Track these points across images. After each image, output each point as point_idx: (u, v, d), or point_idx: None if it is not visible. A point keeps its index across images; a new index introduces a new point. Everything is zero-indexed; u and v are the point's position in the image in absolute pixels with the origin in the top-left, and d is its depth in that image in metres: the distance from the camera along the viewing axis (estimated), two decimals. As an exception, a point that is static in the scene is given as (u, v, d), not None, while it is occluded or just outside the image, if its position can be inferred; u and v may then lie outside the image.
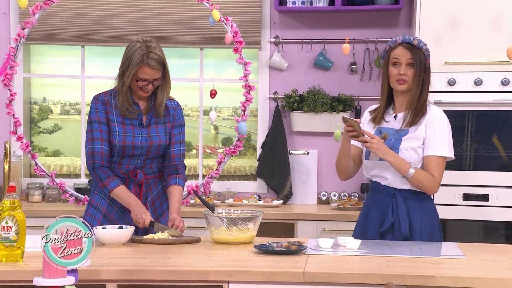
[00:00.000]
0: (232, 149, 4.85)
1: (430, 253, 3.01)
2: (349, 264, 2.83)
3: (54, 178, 4.82)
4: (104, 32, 5.44)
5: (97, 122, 3.46)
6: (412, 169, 3.31)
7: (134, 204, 3.42)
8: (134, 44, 3.40)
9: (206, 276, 2.68)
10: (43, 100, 5.77)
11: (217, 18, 4.65)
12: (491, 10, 4.55)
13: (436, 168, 3.32)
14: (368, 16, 5.34)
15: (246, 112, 4.84)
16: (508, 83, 4.53)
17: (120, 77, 3.44)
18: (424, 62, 3.34)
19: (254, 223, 3.28)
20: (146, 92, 3.44)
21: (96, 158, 3.44)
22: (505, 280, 2.57)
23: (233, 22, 4.71)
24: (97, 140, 3.45)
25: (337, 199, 5.31)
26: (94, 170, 3.46)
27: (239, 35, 4.70)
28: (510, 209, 4.55)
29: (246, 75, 4.84)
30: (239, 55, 4.76)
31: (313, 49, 5.40)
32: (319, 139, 5.40)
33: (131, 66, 3.36)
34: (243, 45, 4.72)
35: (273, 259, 2.88)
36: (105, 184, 3.44)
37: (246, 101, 4.84)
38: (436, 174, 3.31)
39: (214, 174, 4.91)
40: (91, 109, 3.50)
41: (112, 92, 3.52)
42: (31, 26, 4.68)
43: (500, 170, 4.45)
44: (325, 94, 5.30)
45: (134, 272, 2.69)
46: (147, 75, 3.38)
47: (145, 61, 3.36)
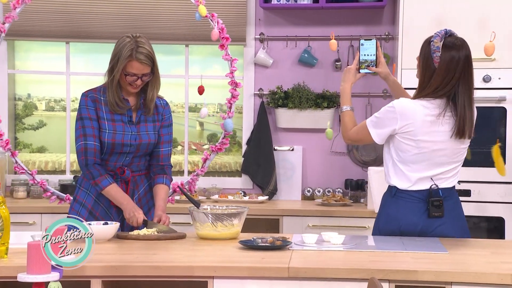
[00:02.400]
0: (218, 146, 4.82)
1: (413, 248, 3.02)
2: (333, 259, 2.84)
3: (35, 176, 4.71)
4: (89, 28, 5.44)
5: (88, 119, 3.45)
6: (346, 107, 3.48)
7: (126, 203, 3.43)
8: (124, 39, 3.41)
9: (191, 271, 2.69)
10: (27, 96, 5.76)
11: (203, 13, 4.62)
12: (473, 7, 4.61)
13: (358, 127, 3.43)
14: (352, 14, 5.37)
15: (232, 109, 4.82)
16: (490, 80, 4.60)
17: (109, 72, 3.44)
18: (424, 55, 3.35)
19: (239, 219, 3.29)
20: (135, 88, 3.45)
21: (89, 154, 3.44)
22: (486, 274, 2.60)
23: (219, 18, 4.71)
24: (89, 136, 3.44)
25: (321, 195, 5.34)
26: (87, 166, 3.45)
27: (225, 31, 4.68)
28: (491, 204, 4.62)
29: (232, 72, 4.82)
30: (225, 51, 4.75)
31: (298, 46, 5.43)
32: (304, 136, 5.43)
33: (120, 60, 3.37)
34: (229, 42, 4.71)
35: (257, 254, 2.90)
36: (97, 182, 3.44)
37: (232, 98, 4.81)
38: (354, 129, 3.43)
39: (199, 171, 4.88)
40: (81, 106, 3.49)
41: (101, 89, 3.51)
42: (12, 20, 4.59)
43: (482, 166, 4.50)
44: (309, 91, 5.33)
45: (119, 268, 2.69)
46: (136, 69, 3.39)
47: (134, 55, 3.37)
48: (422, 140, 3.25)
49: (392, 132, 3.29)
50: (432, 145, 3.25)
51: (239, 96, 4.89)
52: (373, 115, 3.37)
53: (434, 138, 3.25)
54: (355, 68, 3.55)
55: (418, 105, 3.24)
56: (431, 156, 3.27)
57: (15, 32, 5.35)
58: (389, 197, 3.39)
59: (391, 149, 3.35)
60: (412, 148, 3.27)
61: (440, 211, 3.29)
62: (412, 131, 3.24)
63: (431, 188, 3.29)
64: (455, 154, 3.31)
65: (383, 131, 3.31)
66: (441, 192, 3.30)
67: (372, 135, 3.34)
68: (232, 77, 4.81)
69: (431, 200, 3.28)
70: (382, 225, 3.38)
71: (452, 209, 3.34)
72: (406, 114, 3.24)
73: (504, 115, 4.61)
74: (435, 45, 3.24)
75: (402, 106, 3.26)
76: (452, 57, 3.23)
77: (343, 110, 3.50)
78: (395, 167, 3.34)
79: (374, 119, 3.35)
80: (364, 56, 3.54)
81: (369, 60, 3.54)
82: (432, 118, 3.23)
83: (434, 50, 3.24)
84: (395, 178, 3.34)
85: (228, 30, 4.83)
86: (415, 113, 3.23)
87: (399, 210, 3.32)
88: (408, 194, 3.32)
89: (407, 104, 3.27)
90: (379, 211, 3.47)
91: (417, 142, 3.25)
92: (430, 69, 3.26)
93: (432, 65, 3.24)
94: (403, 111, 3.24)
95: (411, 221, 3.30)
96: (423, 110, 3.23)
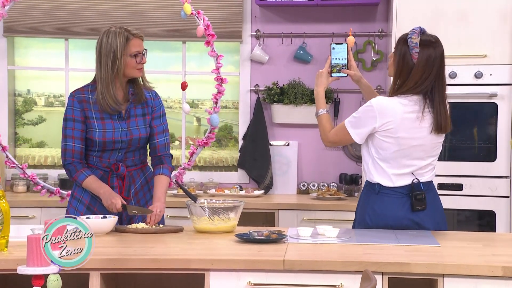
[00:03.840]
0: (204, 140, 4.80)
1: (406, 241, 3.05)
2: (328, 252, 2.87)
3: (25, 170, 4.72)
4: (88, 25, 5.46)
5: (71, 120, 3.47)
6: (322, 111, 3.49)
7: (102, 192, 3.43)
8: (108, 32, 3.43)
9: (188, 264, 2.71)
10: (27, 92, 5.79)
11: (188, 11, 4.56)
12: (465, 6, 4.63)
13: (337, 128, 3.44)
14: (347, 11, 5.40)
15: (218, 104, 4.80)
16: (481, 76, 4.64)
17: (111, 67, 3.41)
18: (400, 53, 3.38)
19: (235, 213, 3.31)
20: (141, 68, 3.48)
21: (67, 155, 3.48)
22: (478, 266, 2.64)
23: (204, 15, 4.67)
24: (69, 137, 3.47)
25: (316, 189, 5.38)
26: (65, 166, 3.50)
27: (211, 28, 4.63)
28: (483, 198, 4.65)
29: (218, 68, 4.81)
30: (211, 48, 4.73)
31: (293, 43, 5.46)
32: (299, 131, 5.47)
33: (120, 48, 3.39)
34: (214, 38, 4.68)
35: (254, 247, 2.92)
36: (75, 178, 3.48)
37: (218, 93, 4.78)
38: (333, 131, 3.45)
39: (186, 165, 4.85)
40: (67, 107, 3.50)
41: (89, 88, 3.51)
42: (1, 18, 4.54)
43: (473, 160, 4.54)
44: (305, 87, 5.37)
45: (117, 261, 2.71)
46: (138, 46, 3.45)
47: (132, 34, 3.43)
48: (402, 137, 3.27)
49: (372, 131, 3.31)
50: (411, 141, 3.28)
51: (236, 92, 4.91)
52: (351, 115, 3.38)
53: (414, 135, 3.28)
54: (326, 71, 3.55)
55: (396, 103, 3.26)
56: (410, 152, 3.30)
57: (15, 29, 5.37)
58: (373, 194, 3.40)
59: (371, 147, 3.37)
60: (392, 145, 3.29)
61: (423, 204, 3.33)
62: (392, 128, 3.26)
63: (413, 183, 3.33)
64: (432, 148, 3.35)
65: (362, 130, 3.33)
66: (422, 186, 3.35)
67: (352, 135, 3.35)
68: (218, 73, 4.80)
69: (414, 194, 3.31)
70: (370, 221, 3.40)
71: (432, 201, 3.38)
72: (385, 112, 3.26)
73: (495, 111, 4.63)
74: (413, 41, 3.25)
75: (380, 104, 3.28)
76: (430, 54, 3.26)
77: (319, 114, 3.51)
78: (375, 164, 3.36)
79: (353, 119, 3.36)
80: (335, 60, 3.55)
81: (341, 64, 3.55)
82: (412, 115, 3.26)
83: (412, 47, 3.25)
84: (377, 175, 3.36)
85: (224, 27, 4.87)
86: (394, 111, 3.25)
87: (385, 206, 3.35)
88: (392, 190, 3.35)
89: (386, 102, 3.28)
90: (361, 207, 3.48)
91: (397, 139, 3.27)
92: (408, 65, 3.27)
93: (411, 62, 3.26)
94: (382, 109, 3.26)
95: (397, 215, 3.34)
96: (402, 107, 3.25)
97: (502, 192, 4.65)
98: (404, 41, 3.31)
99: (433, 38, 3.32)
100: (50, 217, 4.57)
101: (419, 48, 3.25)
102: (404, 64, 3.29)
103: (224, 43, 5.41)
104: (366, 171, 3.43)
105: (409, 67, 3.27)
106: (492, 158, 4.66)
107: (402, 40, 3.33)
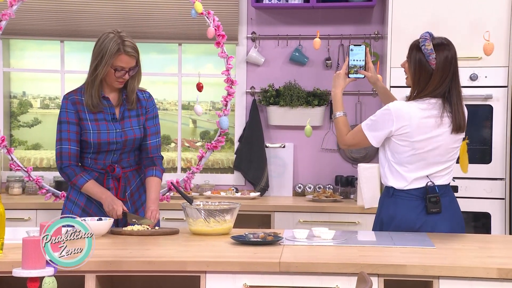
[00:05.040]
0: (214, 144, 4.74)
1: (401, 243, 3.07)
2: (323, 254, 2.88)
3: (31, 174, 4.72)
4: (84, 27, 5.47)
5: (66, 123, 3.46)
6: (340, 113, 3.50)
7: (104, 197, 3.44)
8: (107, 35, 3.42)
9: (184, 266, 2.71)
10: (23, 94, 5.79)
11: (199, 10, 4.55)
12: (460, 8, 4.65)
13: (354, 131, 3.44)
14: (342, 13, 5.41)
15: (228, 106, 4.75)
16: (476, 78, 4.66)
17: (93, 69, 3.42)
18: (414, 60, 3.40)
19: (231, 215, 3.32)
20: (122, 82, 3.45)
21: (64, 158, 3.47)
22: (473, 268, 2.65)
23: (215, 15, 4.67)
24: (64, 140, 3.46)
25: (312, 191, 5.37)
26: (62, 170, 3.48)
27: (221, 29, 4.64)
28: (478, 200, 4.67)
29: (228, 69, 4.78)
30: (221, 49, 4.71)
31: (289, 45, 5.47)
32: (295, 133, 5.47)
33: (107, 56, 3.37)
34: (225, 39, 4.67)
35: (249, 249, 2.93)
36: (74, 182, 3.47)
37: (228, 96, 4.73)
38: (350, 134, 3.45)
39: (195, 169, 4.83)
40: (61, 109, 3.49)
41: (81, 90, 3.51)
42: (9, 18, 4.59)
43: (469, 162, 4.55)
44: (300, 89, 5.38)
45: (113, 263, 2.71)
46: (125, 63, 3.40)
47: (122, 49, 3.38)
48: (417, 141, 3.28)
49: (388, 134, 3.32)
50: (427, 145, 3.29)
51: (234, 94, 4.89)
52: (368, 118, 3.39)
53: (430, 139, 3.29)
54: (344, 73, 3.57)
55: (413, 107, 3.28)
56: (426, 156, 3.31)
57: (11, 31, 5.36)
58: (387, 198, 3.42)
59: (387, 151, 3.39)
60: (408, 149, 3.30)
61: (438, 207, 3.32)
62: (408, 132, 3.28)
63: (427, 185, 3.33)
64: (449, 153, 3.36)
65: (379, 133, 3.34)
66: (437, 189, 3.34)
67: (369, 138, 3.36)
68: (228, 74, 4.77)
69: (428, 197, 3.31)
70: (382, 226, 3.42)
71: (449, 205, 3.38)
72: (402, 116, 3.28)
73: (490, 113, 4.66)
74: (428, 48, 3.27)
75: (397, 109, 3.29)
76: (446, 56, 3.28)
77: (337, 116, 3.51)
78: (391, 168, 3.37)
79: (370, 122, 3.37)
80: (353, 61, 3.56)
81: (358, 65, 3.56)
82: (430, 120, 3.28)
83: (429, 53, 3.27)
84: (392, 179, 3.38)
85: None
86: (411, 115, 3.27)
87: (397, 209, 3.36)
88: (405, 192, 3.35)
89: (403, 106, 3.30)
90: (377, 213, 3.50)
91: (413, 144, 3.29)
92: (427, 72, 3.29)
93: (429, 68, 3.28)
94: (399, 113, 3.28)
95: (410, 218, 3.34)
96: (419, 112, 3.27)
97: (498, 194, 4.67)
98: (417, 48, 3.33)
99: (445, 40, 3.35)
100: (45, 219, 4.57)
101: (436, 53, 3.27)
102: (422, 70, 3.31)
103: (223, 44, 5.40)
104: (382, 175, 3.45)
105: (428, 73, 3.29)
106: (488, 160, 4.67)
107: (415, 47, 3.34)
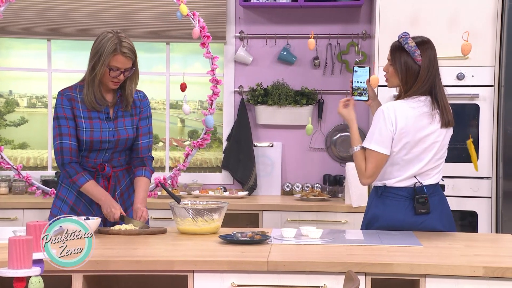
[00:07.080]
0: (199, 142, 4.82)
1: (388, 241, 3.08)
2: (311, 253, 2.89)
3: (20, 171, 4.76)
4: (70, 26, 5.45)
5: (64, 118, 3.46)
6: (357, 148, 3.37)
7: (104, 199, 3.43)
8: (105, 35, 3.41)
9: (171, 266, 2.71)
10: (9, 93, 5.76)
11: (184, 12, 4.62)
12: (448, 7, 4.67)
13: (367, 161, 3.34)
14: (330, 12, 5.42)
15: (213, 105, 4.82)
16: (463, 78, 4.67)
17: (91, 69, 3.42)
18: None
19: (219, 214, 3.32)
20: (117, 83, 3.45)
21: (65, 153, 3.45)
22: (460, 266, 2.67)
23: (200, 17, 4.71)
24: (65, 135, 3.45)
25: (300, 190, 5.38)
26: (63, 165, 3.46)
27: (206, 29, 4.69)
28: (465, 198, 4.69)
29: (213, 69, 4.83)
30: (206, 49, 4.75)
31: (277, 44, 5.47)
32: (283, 132, 5.48)
33: (104, 55, 3.36)
34: (210, 40, 4.71)
35: (237, 248, 2.93)
36: (75, 180, 3.45)
37: (213, 95, 4.82)
38: (368, 167, 3.32)
39: (181, 166, 4.88)
40: (57, 105, 3.49)
41: (77, 87, 3.50)
42: None
43: (456, 161, 4.57)
44: (288, 88, 5.38)
45: (100, 263, 2.71)
46: (120, 63, 3.40)
47: (119, 49, 3.37)
48: (413, 139, 3.29)
49: (392, 135, 3.29)
50: (422, 143, 3.30)
51: (220, 93, 4.92)
52: (366, 136, 3.35)
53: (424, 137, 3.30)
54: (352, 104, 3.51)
55: (405, 106, 3.29)
56: (419, 155, 3.32)
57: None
58: (375, 197, 3.43)
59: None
60: (402, 149, 3.31)
61: (426, 207, 3.32)
62: (405, 132, 3.28)
63: (415, 186, 3.33)
64: (440, 151, 3.37)
65: (384, 139, 3.29)
66: (426, 188, 3.34)
67: (380, 151, 3.29)
68: (213, 74, 4.83)
69: (416, 198, 3.32)
70: (369, 225, 3.42)
71: (438, 204, 3.38)
72: (398, 116, 3.28)
73: (477, 112, 4.68)
74: (412, 45, 3.29)
75: (391, 109, 3.29)
76: (430, 53, 3.32)
77: (355, 151, 3.39)
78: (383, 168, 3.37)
79: (370, 137, 3.32)
80: (357, 83, 3.55)
81: (362, 87, 3.55)
82: (423, 117, 3.29)
83: (413, 50, 3.28)
84: (382, 178, 3.38)
85: (208, 28, 4.88)
86: (406, 114, 3.28)
87: (385, 208, 3.37)
88: (393, 193, 3.36)
89: (395, 105, 3.30)
90: (365, 212, 3.51)
91: (409, 143, 3.30)
92: (413, 70, 3.31)
93: (415, 66, 3.30)
94: (394, 113, 3.28)
95: (397, 218, 3.35)
96: (412, 110, 3.28)
97: (484, 192, 4.69)
98: (400, 48, 3.34)
99: (425, 38, 3.38)
100: (32, 219, 4.56)
101: (420, 49, 3.29)
102: (409, 69, 3.32)
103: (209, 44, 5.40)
104: None
105: (415, 71, 3.32)
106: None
107: (398, 48, 3.35)
